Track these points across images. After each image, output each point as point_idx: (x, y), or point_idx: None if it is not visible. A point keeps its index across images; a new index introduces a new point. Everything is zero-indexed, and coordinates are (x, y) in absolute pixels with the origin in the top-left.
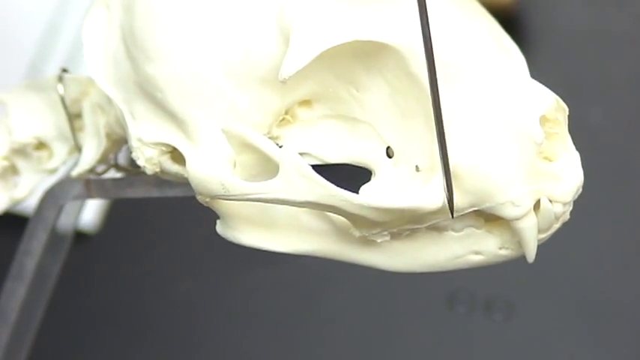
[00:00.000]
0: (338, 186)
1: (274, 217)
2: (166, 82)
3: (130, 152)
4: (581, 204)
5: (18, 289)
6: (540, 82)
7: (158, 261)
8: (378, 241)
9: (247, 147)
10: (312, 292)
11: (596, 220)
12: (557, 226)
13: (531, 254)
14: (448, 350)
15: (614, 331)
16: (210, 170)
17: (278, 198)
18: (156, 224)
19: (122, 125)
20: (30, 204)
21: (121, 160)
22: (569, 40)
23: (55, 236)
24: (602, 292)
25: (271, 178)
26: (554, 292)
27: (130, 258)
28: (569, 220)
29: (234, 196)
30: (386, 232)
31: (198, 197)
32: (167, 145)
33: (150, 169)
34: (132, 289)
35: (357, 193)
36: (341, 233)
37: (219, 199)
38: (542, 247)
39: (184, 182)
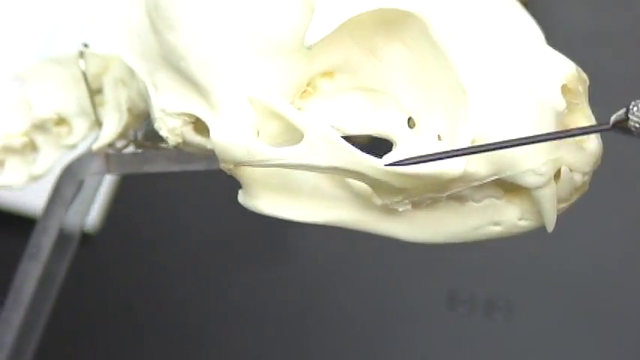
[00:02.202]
0: None
1: (296, 187)
2: (189, 50)
3: (152, 125)
4: (581, 204)
5: (34, 269)
6: None
7: (158, 261)
8: (400, 210)
9: (272, 115)
10: (312, 292)
11: (596, 220)
12: (576, 196)
13: (551, 224)
14: (448, 350)
15: (614, 331)
16: (235, 136)
17: (303, 163)
18: (156, 224)
19: (144, 98)
20: (37, 204)
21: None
22: (569, 40)
23: (62, 236)
24: (602, 292)
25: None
26: (554, 292)
27: (131, 258)
28: (570, 219)
29: (259, 161)
30: (407, 201)
31: (222, 165)
32: (190, 115)
33: (172, 139)
34: (132, 288)
35: None
36: (362, 202)
37: (244, 165)
38: (542, 247)
39: (205, 155)
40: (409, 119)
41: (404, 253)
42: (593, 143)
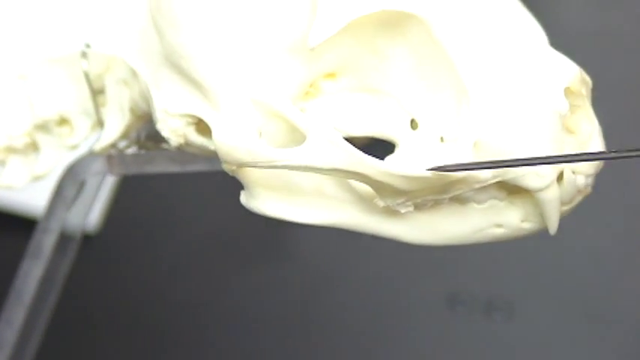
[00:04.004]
0: None
1: (299, 188)
2: (192, 50)
3: (154, 125)
4: (581, 204)
5: (35, 269)
6: None
7: (158, 261)
8: (402, 211)
9: (275, 116)
10: (312, 292)
11: (596, 220)
12: (579, 199)
13: (553, 226)
14: (448, 350)
15: (614, 331)
16: (237, 137)
17: (305, 165)
18: (156, 224)
19: (147, 99)
20: (37, 204)
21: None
22: (570, 40)
23: (63, 237)
24: (602, 292)
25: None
26: (554, 292)
27: (131, 259)
28: (570, 219)
29: (262, 162)
30: (410, 203)
31: (224, 166)
32: (192, 116)
33: (174, 140)
34: (132, 289)
35: None
36: (365, 204)
37: (246, 166)
38: (542, 247)
39: (207, 156)
40: (412, 121)
41: (404, 253)
42: (596, 145)
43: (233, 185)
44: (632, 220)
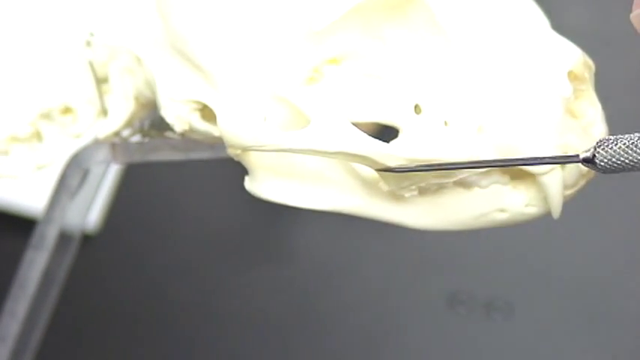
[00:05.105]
0: None
1: (303, 173)
2: (196, 36)
3: (158, 113)
4: (581, 204)
5: (38, 259)
6: None
7: (158, 261)
8: (406, 195)
9: (279, 100)
10: (312, 292)
11: (597, 220)
12: (582, 183)
13: (557, 210)
14: (448, 350)
15: (614, 331)
16: (242, 121)
17: (310, 148)
18: (156, 224)
19: (151, 86)
20: (37, 205)
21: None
22: (569, 40)
23: (63, 234)
24: (602, 292)
25: None
26: (554, 292)
27: (130, 258)
28: (570, 219)
29: (267, 145)
30: (414, 187)
31: (229, 151)
32: (197, 102)
33: (179, 127)
34: (132, 289)
35: None
36: (369, 189)
37: (251, 150)
38: (542, 247)
39: (211, 142)
40: (415, 106)
41: (404, 253)
42: (599, 129)
43: (233, 186)
44: (632, 220)
